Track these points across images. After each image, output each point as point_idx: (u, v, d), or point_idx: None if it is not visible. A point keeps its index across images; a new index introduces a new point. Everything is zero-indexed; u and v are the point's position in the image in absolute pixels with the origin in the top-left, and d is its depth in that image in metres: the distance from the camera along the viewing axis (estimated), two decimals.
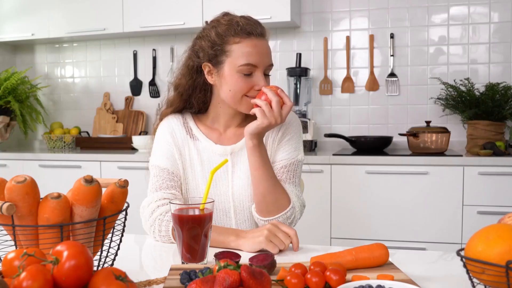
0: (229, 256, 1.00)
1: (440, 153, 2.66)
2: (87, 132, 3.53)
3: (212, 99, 1.42)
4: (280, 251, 1.14)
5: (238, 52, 1.29)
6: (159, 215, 1.28)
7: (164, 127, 1.43)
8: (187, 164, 1.40)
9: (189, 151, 1.40)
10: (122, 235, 0.94)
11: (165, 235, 1.26)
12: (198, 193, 1.37)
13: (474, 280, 0.76)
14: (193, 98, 1.42)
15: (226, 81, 1.33)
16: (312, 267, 0.89)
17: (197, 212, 1.06)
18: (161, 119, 1.47)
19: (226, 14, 1.37)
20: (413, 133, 2.71)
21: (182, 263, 1.06)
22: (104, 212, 0.90)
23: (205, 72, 1.36)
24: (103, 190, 0.91)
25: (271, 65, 1.35)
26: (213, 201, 1.08)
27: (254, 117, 1.33)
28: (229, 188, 1.38)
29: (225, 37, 1.31)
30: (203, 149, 1.40)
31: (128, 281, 0.70)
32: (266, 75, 1.35)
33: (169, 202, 1.08)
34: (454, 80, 2.90)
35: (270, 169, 1.32)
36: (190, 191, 1.39)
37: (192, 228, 1.04)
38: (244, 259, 1.03)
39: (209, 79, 1.36)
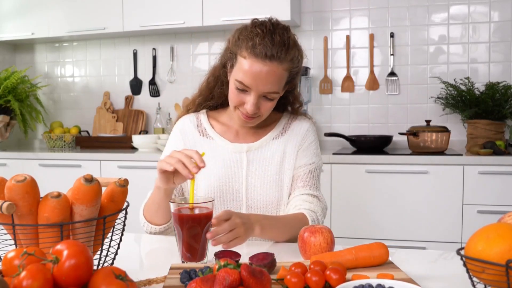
0: (229, 255, 1.00)
1: (440, 152, 2.66)
2: (87, 132, 3.53)
3: None
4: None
5: (240, 66, 1.28)
6: None
7: (177, 129, 1.46)
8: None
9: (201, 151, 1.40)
10: (122, 234, 0.94)
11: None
12: (208, 192, 1.37)
13: (474, 279, 0.76)
14: (215, 91, 1.45)
15: (229, 86, 1.35)
16: (312, 266, 0.89)
17: (197, 211, 1.06)
18: (187, 108, 1.50)
19: (254, 25, 1.31)
20: (413, 132, 2.71)
21: (182, 262, 1.06)
22: (104, 211, 0.90)
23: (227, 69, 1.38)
24: (103, 189, 0.91)
25: (273, 92, 1.28)
26: (213, 200, 1.08)
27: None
28: (242, 186, 1.38)
29: (238, 48, 1.29)
30: (217, 147, 1.41)
31: (128, 280, 0.70)
32: (268, 99, 1.30)
33: (169, 201, 1.08)
34: (454, 79, 2.90)
35: (281, 226, 1.27)
36: (200, 189, 1.39)
37: (192, 227, 1.04)
38: (244, 258, 1.03)
39: (228, 76, 1.37)
